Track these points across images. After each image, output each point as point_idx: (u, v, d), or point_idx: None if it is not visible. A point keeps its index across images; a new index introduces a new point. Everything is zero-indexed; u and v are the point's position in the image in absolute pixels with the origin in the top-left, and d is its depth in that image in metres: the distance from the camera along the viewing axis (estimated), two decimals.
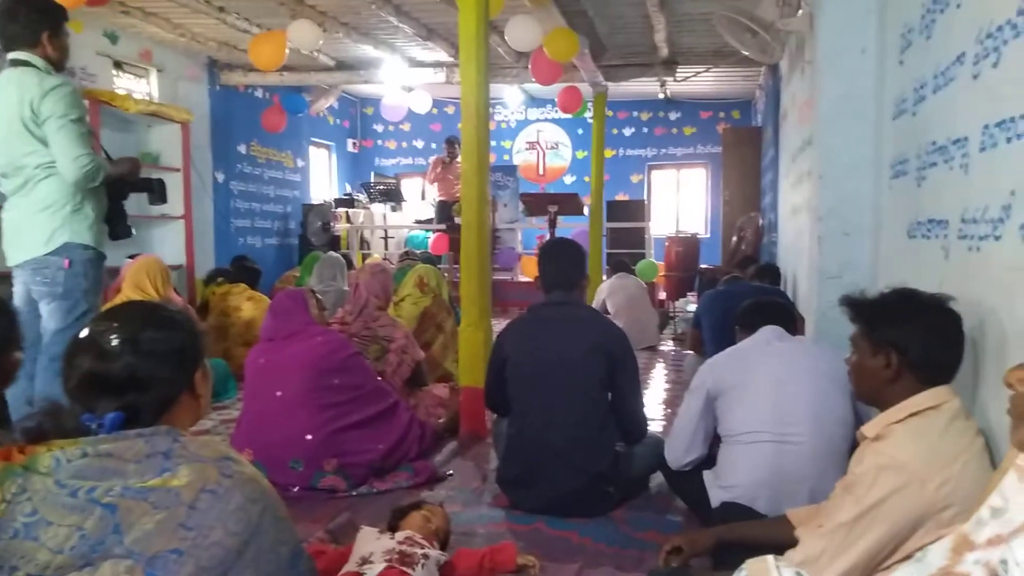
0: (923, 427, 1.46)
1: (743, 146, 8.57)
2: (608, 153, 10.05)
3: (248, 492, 1.14)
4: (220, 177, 8.12)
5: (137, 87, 7.09)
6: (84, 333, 1.22)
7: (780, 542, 1.59)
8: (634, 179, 11.31)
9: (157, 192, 3.25)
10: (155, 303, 1.31)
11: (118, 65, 6.82)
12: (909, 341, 1.53)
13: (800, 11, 4.27)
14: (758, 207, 8.10)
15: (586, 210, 8.11)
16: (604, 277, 7.66)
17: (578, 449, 2.58)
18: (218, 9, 5.97)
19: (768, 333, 2.36)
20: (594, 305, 6.82)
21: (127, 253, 5.34)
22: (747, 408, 2.23)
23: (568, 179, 11.48)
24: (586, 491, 2.58)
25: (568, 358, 2.61)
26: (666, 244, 8.90)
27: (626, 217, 9.37)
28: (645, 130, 11.25)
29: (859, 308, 1.63)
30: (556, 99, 7.83)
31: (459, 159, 9.12)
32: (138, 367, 1.18)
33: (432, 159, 9.64)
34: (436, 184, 9.31)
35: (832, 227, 2.84)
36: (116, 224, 3.08)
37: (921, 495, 1.38)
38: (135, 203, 3.19)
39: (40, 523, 1.02)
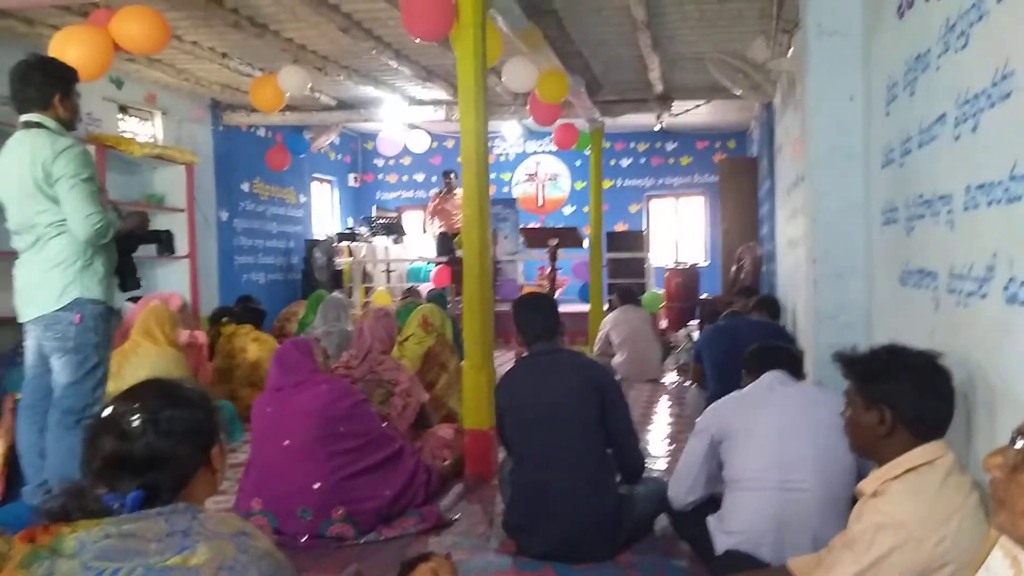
0: (919, 484, 1.51)
1: (740, 176, 8.67)
2: (606, 184, 10.17)
3: (264, 568, 1.18)
4: (224, 216, 8.22)
5: (142, 130, 7.21)
6: (105, 414, 1.27)
7: None
8: (632, 209, 11.42)
9: (166, 243, 3.32)
10: (173, 382, 1.36)
11: (123, 109, 6.94)
12: (900, 397, 1.57)
13: (791, 51, 4.38)
14: (756, 236, 8.18)
15: (585, 242, 8.20)
16: (605, 308, 7.72)
17: (579, 490, 2.63)
18: (221, 55, 6.10)
19: (772, 378, 2.40)
20: (597, 339, 6.88)
21: (128, 296, 5.40)
22: (750, 454, 2.27)
23: (567, 210, 11.59)
24: (591, 533, 2.62)
25: (560, 401, 2.69)
26: (666, 275, 8.94)
27: (626, 247, 9.46)
28: (642, 160, 11.38)
29: (851, 365, 1.68)
30: (552, 135, 7.96)
31: (456, 191, 9.31)
32: (158, 446, 1.23)
33: (431, 192, 9.76)
34: (435, 217, 9.43)
35: (826, 269, 2.90)
36: (126, 277, 3.14)
37: (919, 553, 1.42)
38: (142, 247, 3.27)
39: None
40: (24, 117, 2.90)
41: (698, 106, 8.06)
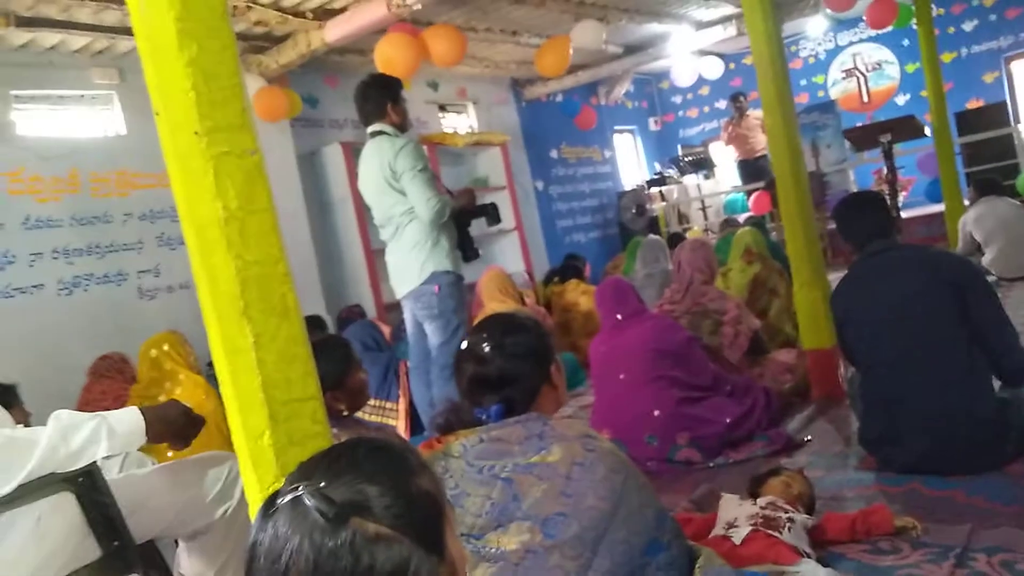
0: None
1: None
2: (947, 57, 8.66)
3: (610, 463, 1.31)
4: (539, 185, 8.82)
5: (459, 122, 8.07)
6: (464, 345, 1.52)
7: None
8: (987, 78, 9.51)
9: (492, 214, 3.70)
10: (509, 314, 1.57)
11: (442, 108, 7.84)
12: None
13: None
14: None
15: (927, 130, 7.11)
16: (965, 203, 6.64)
17: (943, 397, 2.33)
18: (512, 34, 6.54)
19: None
20: (960, 240, 5.98)
21: (478, 272, 6.13)
22: None
23: (901, 99, 10.08)
24: (966, 443, 2.33)
25: (907, 302, 2.39)
26: None
27: (984, 126, 7.97)
28: (992, 17, 9.39)
29: None
30: (864, 16, 7.02)
31: (749, 112, 8.75)
32: (506, 367, 1.44)
33: (722, 122, 9.33)
34: (732, 145, 9.01)
35: None
36: (466, 249, 3.59)
37: None
38: (476, 226, 3.70)
39: (461, 495, 1.31)
40: (369, 128, 3.47)
41: None
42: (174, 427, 1.58)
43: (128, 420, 1.51)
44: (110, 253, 4.99)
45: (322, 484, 0.71)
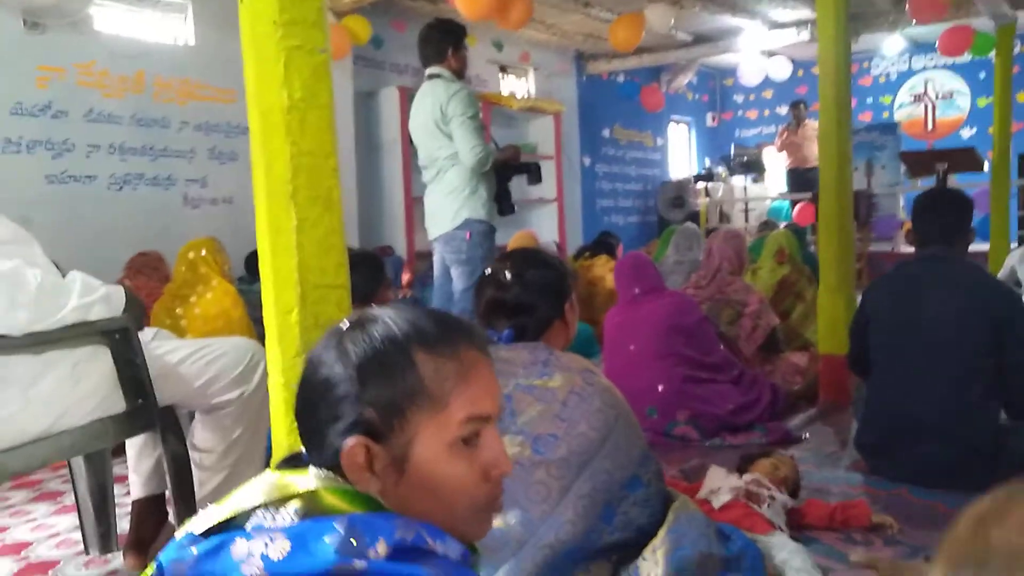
0: None
1: None
2: (1022, 97, 8.45)
3: (606, 398, 1.39)
4: (587, 161, 8.83)
5: (518, 86, 8.09)
6: (487, 271, 1.60)
7: None
8: None
9: (534, 173, 3.75)
10: (535, 249, 1.65)
11: (503, 69, 7.86)
12: None
13: None
14: None
15: (987, 166, 6.97)
16: (1012, 246, 6.52)
17: (949, 420, 2.36)
18: (584, 4, 6.53)
19: None
20: (1000, 275, 5.89)
21: (509, 233, 6.21)
22: None
23: (966, 132, 9.88)
24: (958, 466, 2.37)
25: (940, 319, 2.37)
26: None
27: None
28: None
29: None
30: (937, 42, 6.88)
31: (807, 121, 8.64)
32: (523, 297, 1.52)
33: (779, 128, 9.23)
34: (784, 152, 8.92)
35: None
36: (503, 202, 3.66)
37: None
38: (517, 189, 3.75)
39: None
40: (428, 71, 3.54)
41: None
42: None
43: (119, 297, 1.63)
44: (162, 157, 5.15)
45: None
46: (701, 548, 1.34)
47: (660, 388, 2.98)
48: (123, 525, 2.09)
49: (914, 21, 5.62)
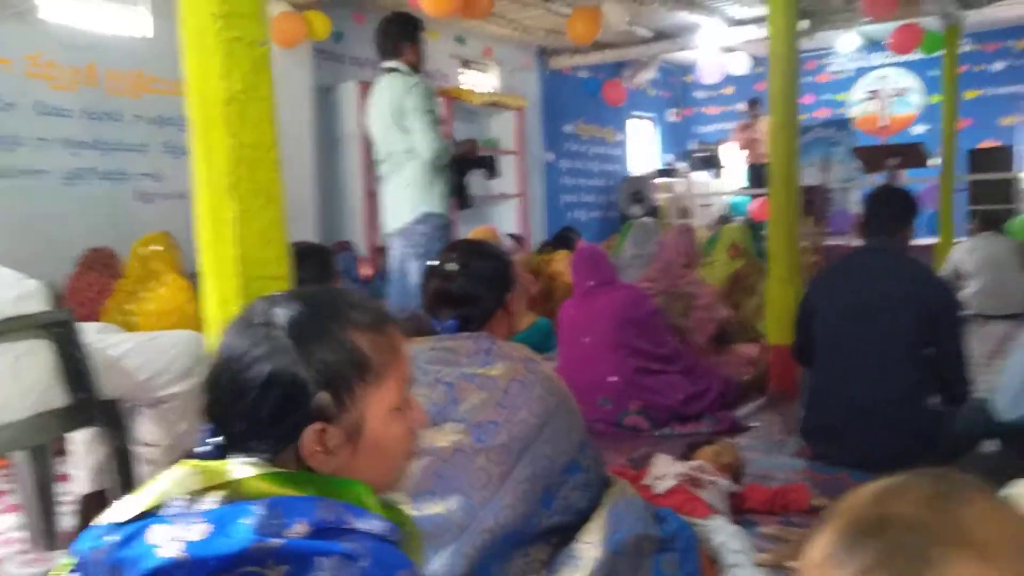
0: None
1: None
2: (970, 94, 8.70)
3: (547, 386, 1.43)
4: (550, 157, 8.88)
5: (481, 81, 8.09)
6: (432, 263, 1.62)
7: None
8: (1005, 122, 9.56)
9: (490, 166, 3.79)
10: (479, 240, 1.68)
11: (465, 63, 7.86)
12: None
13: None
14: None
15: (933, 161, 7.18)
16: (955, 241, 6.75)
17: (887, 406, 2.46)
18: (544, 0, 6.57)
19: None
20: (945, 268, 6.09)
21: (471, 227, 6.23)
22: None
23: (918, 129, 10.11)
24: (897, 451, 2.46)
25: (878, 308, 2.48)
26: None
27: (993, 167, 8.07)
28: (1021, 62, 9.45)
29: None
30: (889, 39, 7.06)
31: (762, 117, 8.80)
32: (468, 287, 1.55)
33: (735, 124, 9.40)
34: (745, 148, 9.09)
35: None
36: (461, 196, 3.68)
37: None
38: (480, 184, 3.78)
39: None
40: (385, 64, 3.54)
41: None
42: None
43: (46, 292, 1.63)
44: (115, 151, 5.06)
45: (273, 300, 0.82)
46: (638, 530, 1.39)
47: (614, 379, 3.03)
48: (66, 522, 2.07)
49: (868, 18, 5.76)
